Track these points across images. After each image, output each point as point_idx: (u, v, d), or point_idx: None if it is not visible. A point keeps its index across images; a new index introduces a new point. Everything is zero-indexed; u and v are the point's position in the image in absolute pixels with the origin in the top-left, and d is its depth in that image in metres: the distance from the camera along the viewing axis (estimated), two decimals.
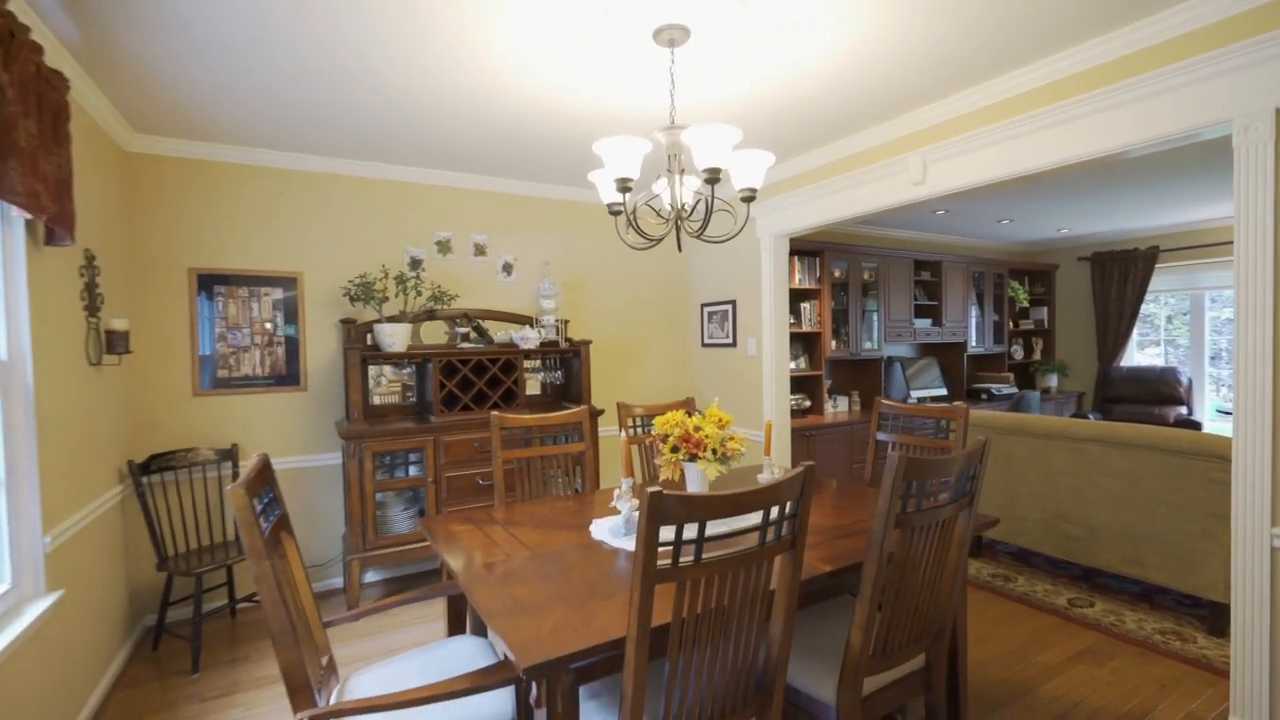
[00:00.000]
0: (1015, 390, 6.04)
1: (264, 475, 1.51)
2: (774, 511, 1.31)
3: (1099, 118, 2.28)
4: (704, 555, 1.23)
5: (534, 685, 1.29)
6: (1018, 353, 6.85)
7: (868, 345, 5.32)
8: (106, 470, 2.70)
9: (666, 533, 1.19)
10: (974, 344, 6.19)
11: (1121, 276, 6.54)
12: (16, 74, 1.57)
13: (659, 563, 1.19)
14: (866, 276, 5.29)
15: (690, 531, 1.21)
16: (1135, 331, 6.76)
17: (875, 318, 5.39)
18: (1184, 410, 6.12)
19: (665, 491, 1.17)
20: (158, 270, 3.16)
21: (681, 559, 1.22)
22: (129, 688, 2.59)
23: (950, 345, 6.10)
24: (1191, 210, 5.42)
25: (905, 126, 2.96)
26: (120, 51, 2.19)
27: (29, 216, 1.74)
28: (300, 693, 1.30)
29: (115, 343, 2.62)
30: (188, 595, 3.09)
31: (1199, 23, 2.01)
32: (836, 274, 5.11)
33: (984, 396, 6.04)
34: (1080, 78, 2.34)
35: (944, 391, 5.94)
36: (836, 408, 5.28)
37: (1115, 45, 2.21)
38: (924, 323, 5.74)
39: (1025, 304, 6.83)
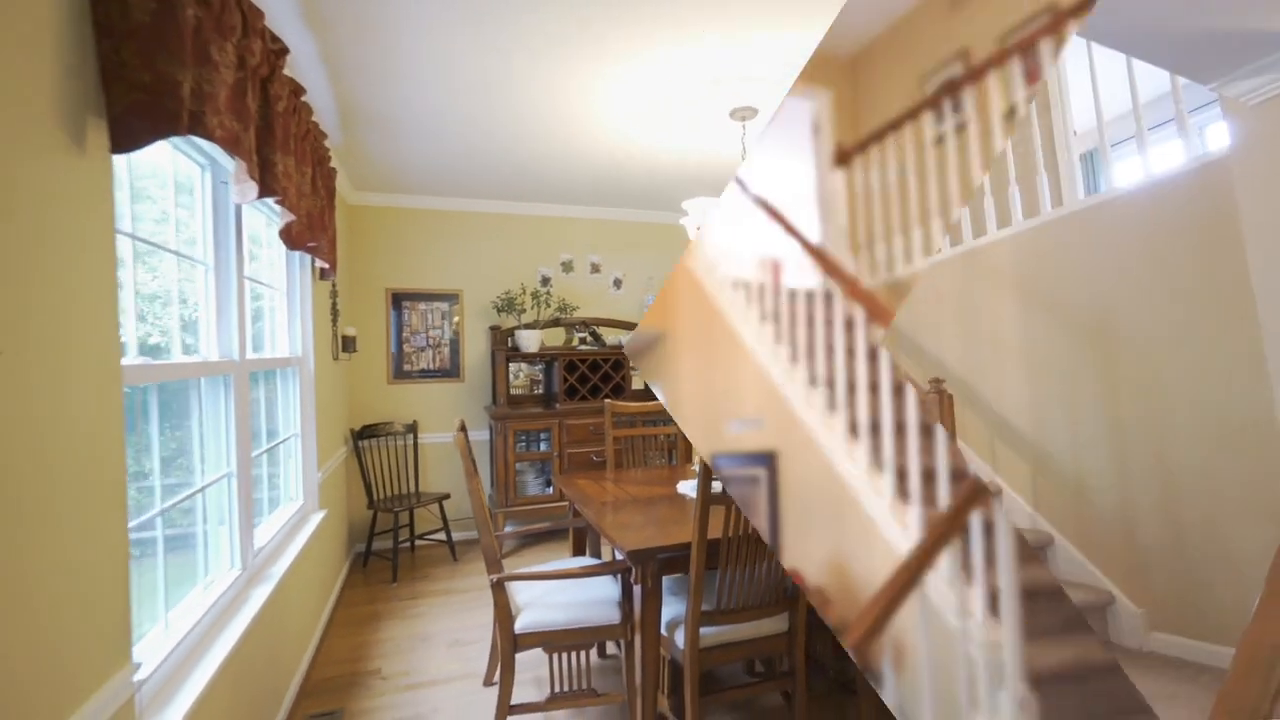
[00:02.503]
0: None
1: (464, 433, 2.35)
2: None
3: None
4: None
5: (633, 571, 2.01)
6: None
7: None
8: (339, 434, 3.80)
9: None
10: None
11: None
12: (327, 181, 2.55)
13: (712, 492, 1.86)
14: None
15: None
16: None
17: None
18: None
19: None
20: (367, 290, 4.27)
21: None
22: (351, 588, 3.66)
23: None
24: None
25: None
26: (362, 146, 3.20)
27: (324, 265, 2.73)
28: (493, 564, 2.11)
29: (347, 344, 3.70)
30: (386, 530, 4.17)
31: None
32: None
33: None
34: None
35: None
36: None
37: None
38: None
39: None
